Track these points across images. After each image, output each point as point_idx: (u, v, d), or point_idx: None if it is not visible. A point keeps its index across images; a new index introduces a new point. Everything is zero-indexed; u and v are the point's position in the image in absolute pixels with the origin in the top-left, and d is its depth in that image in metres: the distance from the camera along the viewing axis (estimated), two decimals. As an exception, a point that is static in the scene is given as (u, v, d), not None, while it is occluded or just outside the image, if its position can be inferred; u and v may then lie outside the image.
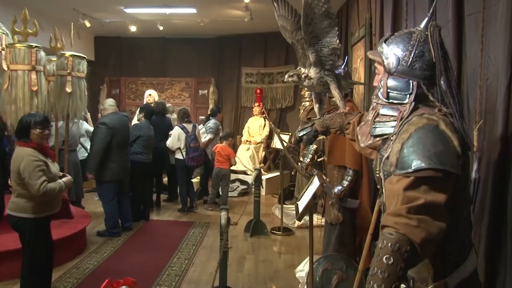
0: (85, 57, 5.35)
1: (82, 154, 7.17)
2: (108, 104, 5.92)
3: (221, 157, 7.27)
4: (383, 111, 1.81)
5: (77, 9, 7.90)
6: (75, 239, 5.07)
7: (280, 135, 5.19)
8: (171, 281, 4.46)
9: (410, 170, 1.54)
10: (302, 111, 7.43)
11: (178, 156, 7.08)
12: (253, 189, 6.33)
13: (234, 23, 8.69)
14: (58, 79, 5.16)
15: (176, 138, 7.03)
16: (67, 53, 5.15)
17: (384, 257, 1.43)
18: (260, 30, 9.50)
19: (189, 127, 7.16)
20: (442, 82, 1.71)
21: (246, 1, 7.09)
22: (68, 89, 5.06)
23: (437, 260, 1.65)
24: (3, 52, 4.96)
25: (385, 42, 1.85)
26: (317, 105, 3.04)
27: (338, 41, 2.75)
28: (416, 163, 1.53)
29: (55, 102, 5.24)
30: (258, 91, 9.91)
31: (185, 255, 5.24)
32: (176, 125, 7.31)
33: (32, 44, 4.69)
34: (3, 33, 5.10)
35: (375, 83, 1.94)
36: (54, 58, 5.37)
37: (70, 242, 4.93)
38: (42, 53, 4.81)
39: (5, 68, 4.76)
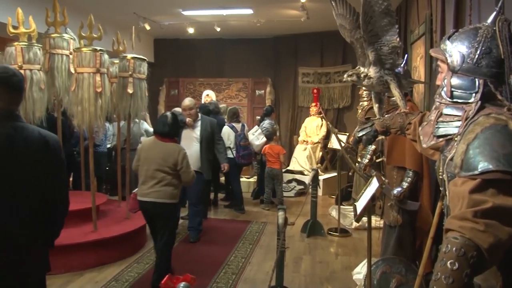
0: (145, 59, 5.50)
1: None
2: None
3: (271, 157, 7.33)
4: (446, 110, 1.75)
5: (137, 13, 8.18)
6: (135, 235, 5.24)
7: (338, 135, 5.13)
8: (228, 279, 4.51)
9: (476, 172, 1.47)
10: (360, 111, 7.32)
11: (229, 155, 7.16)
12: (310, 189, 6.30)
13: (290, 23, 8.68)
14: (120, 81, 5.34)
15: (224, 137, 7.10)
16: (129, 56, 5.31)
17: (449, 262, 1.39)
18: (317, 29, 9.43)
19: (238, 126, 7.28)
20: (511, 80, 1.63)
21: (303, 0, 7.06)
22: (130, 90, 5.22)
23: (506, 268, 1.57)
24: (70, 56, 5.21)
25: (448, 39, 1.80)
26: (376, 105, 3.00)
27: (398, 39, 2.69)
28: (482, 165, 1.46)
29: (117, 102, 5.41)
30: (315, 91, 9.84)
31: (241, 253, 5.29)
32: (226, 124, 7.40)
33: (96, 47, 4.87)
34: (71, 38, 5.37)
35: (438, 82, 1.88)
36: (116, 61, 5.56)
37: (131, 238, 5.12)
38: (106, 56, 4.99)
39: (73, 71, 5.00)
